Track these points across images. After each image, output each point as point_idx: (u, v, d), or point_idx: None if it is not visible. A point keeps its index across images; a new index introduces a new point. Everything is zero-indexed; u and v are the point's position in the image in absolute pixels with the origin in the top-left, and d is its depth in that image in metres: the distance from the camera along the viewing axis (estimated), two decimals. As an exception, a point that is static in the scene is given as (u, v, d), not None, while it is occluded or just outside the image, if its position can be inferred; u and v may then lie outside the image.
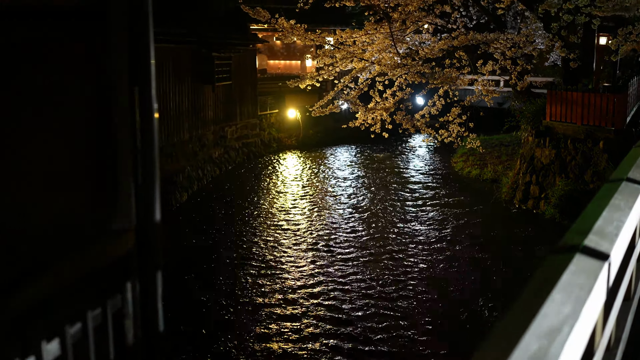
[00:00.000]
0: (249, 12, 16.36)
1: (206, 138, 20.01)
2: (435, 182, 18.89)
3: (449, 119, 16.51)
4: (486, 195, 16.95)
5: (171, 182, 16.33)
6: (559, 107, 15.03)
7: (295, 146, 25.02)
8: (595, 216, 2.90)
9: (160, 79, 16.72)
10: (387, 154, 23.45)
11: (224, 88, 21.11)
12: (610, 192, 3.30)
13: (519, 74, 16.74)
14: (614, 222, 2.90)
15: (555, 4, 13.23)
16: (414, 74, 15.64)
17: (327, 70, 16.87)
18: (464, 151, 21.22)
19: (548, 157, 15.03)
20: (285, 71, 29.35)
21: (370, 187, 18.18)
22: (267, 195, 17.49)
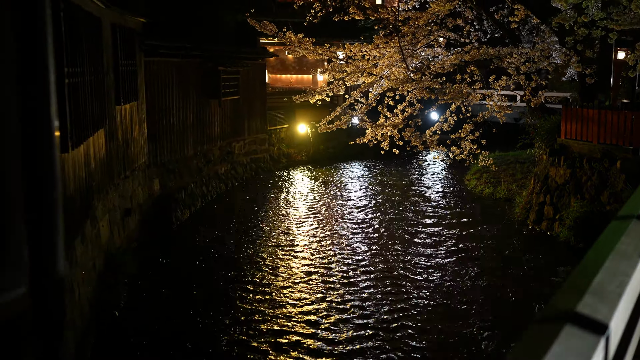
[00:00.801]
0: (255, 25, 16.01)
1: (212, 153, 19.60)
2: (447, 201, 18.29)
3: (461, 135, 15.95)
4: (499, 215, 16.33)
5: (173, 199, 15.90)
6: (575, 125, 14.42)
7: (305, 162, 24.55)
8: (595, 266, 2.35)
9: (164, 93, 16.34)
10: (399, 171, 22.90)
11: (232, 102, 20.73)
12: (616, 234, 2.75)
13: (533, 90, 16.16)
14: (617, 277, 2.33)
15: (569, 17, 12.68)
16: (422, 90, 15.12)
17: (337, 84, 16.49)
18: (477, 168, 20.60)
19: (563, 177, 14.40)
20: (296, 85, 28.97)
21: (381, 207, 17.60)
22: (273, 214, 16.99)
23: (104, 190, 11.09)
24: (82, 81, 8.74)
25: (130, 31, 13.37)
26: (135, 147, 13.83)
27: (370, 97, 16.75)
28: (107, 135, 11.45)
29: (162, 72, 16.28)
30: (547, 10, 15.30)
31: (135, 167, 13.93)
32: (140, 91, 14.48)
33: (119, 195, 12.50)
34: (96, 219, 10.26)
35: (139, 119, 14.32)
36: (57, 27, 7.30)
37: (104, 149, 11.14)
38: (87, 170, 9.33)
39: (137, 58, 13.95)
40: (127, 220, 12.96)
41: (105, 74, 11.24)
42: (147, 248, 13.55)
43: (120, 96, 12.26)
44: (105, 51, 11.33)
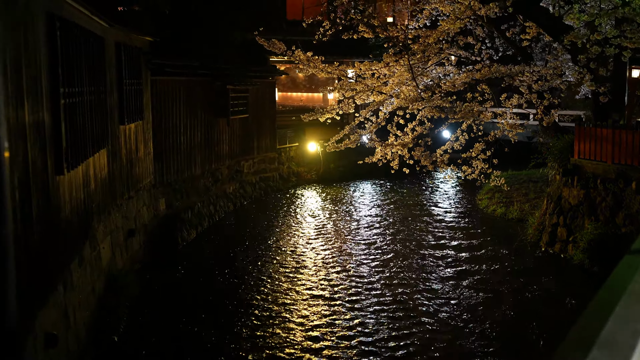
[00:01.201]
0: (264, 44, 15.89)
1: (220, 172, 19.41)
2: (458, 221, 17.94)
3: (472, 154, 15.64)
4: (511, 236, 15.95)
5: (179, 219, 15.69)
6: (588, 144, 14.08)
7: (315, 180, 24.32)
8: (605, 311, 2.08)
9: (171, 112, 16.21)
10: (410, 190, 22.59)
11: (241, 121, 20.58)
12: (630, 271, 2.47)
13: (545, 109, 15.85)
14: (630, 325, 2.06)
15: (581, 35, 12.41)
16: (432, 108, 14.86)
17: (347, 103, 16.32)
18: (489, 187, 20.25)
19: (576, 198, 14.04)
20: (307, 103, 28.82)
21: (390, 228, 17.29)
22: (281, 234, 16.72)
23: (105, 212, 10.90)
24: (81, 101, 8.58)
25: (136, 50, 13.26)
26: (140, 167, 13.66)
27: (380, 116, 16.52)
28: (110, 155, 11.29)
29: (170, 90, 16.16)
30: (559, 27, 15.03)
31: (140, 187, 13.76)
32: (146, 110, 14.34)
33: (122, 215, 12.31)
34: (96, 241, 10.06)
35: (145, 138, 14.17)
36: (53, 47, 7.15)
37: (106, 170, 10.96)
38: (86, 192, 9.14)
39: (143, 77, 13.83)
40: (131, 241, 12.75)
41: (108, 93, 11.09)
42: (151, 269, 13.34)
43: (124, 115, 12.11)
44: (108, 70, 11.20)
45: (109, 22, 10.80)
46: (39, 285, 6.48)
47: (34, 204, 6.26)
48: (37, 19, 6.65)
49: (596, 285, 7.14)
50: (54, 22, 7.14)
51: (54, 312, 6.99)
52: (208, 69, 18.18)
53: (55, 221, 7.26)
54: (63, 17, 7.63)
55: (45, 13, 7.01)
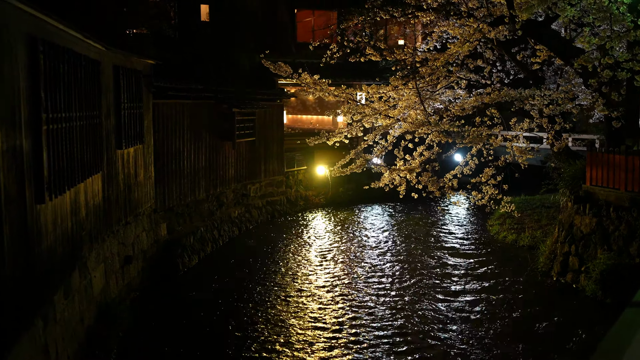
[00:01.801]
0: (270, 67, 15.66)
1: (225, 196, 19.12)
2: (468, 249, 17.45)
3: (482, 179, 15.23)
4: (521, 265, 15.47)
5: (180, 244, 15.37)
6: (600, 171, 13.62)
7: (323, 204, 23.96)
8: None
9: (174, 135, 15.98)
10: (419, 215, 22.15)
11: (247, 144, 20.33)
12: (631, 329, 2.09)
13: (557, 133, 15.43)
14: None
15: (592, 58, 12.01)
16: (439, 133, 14.49)
17: (356, 126, 16.04)
18: (501, 213, 19.75)
19: (588, 226, 13.54)
20: (317, 126, 28.56)
21: (398, 255, 16.84)
22: (285, 261, 16.32)
23: (99, 238, 10.61)
24: (70, 127, 8.32)
25: (137, 73, 13.06)
26: (139, 192, 13.40)
27: (388, 139, 16.19)
28: (105, 180, 11.02)
29: (173, 113, 15.95)
30: (570, 51, 14.66)
31: (140, 212, 13.48)
32: (147, 134, 14.11)
33: (119, 242, 12.01)
34: (87, 269, 9.75)
35: (145, 162, 13.92)
36: (34, 72, 6.90)
37: (100, 195, 10.69)
38: (74, 219, 8.85)
39: (144, 100, 13.62)
40: (128, 268, 12.44)
41: (104, 118, 10.86)
42: (148, 298, 13.01)
43: (122, 140, 11.87)
44: (105, 94, 10.98)
45: (105, 45, 10.60)
46: (10, 323, 6.15)
47: (6, 235, 5.96)
48: (15, 43, 6.40)
49: (610, 318, 6.66)
50: (36, 46, 6.90)
51: (29, 349, 6.65)
52: (213, 91, 17.99)
53: (34, 252, 6.96)
54: (48, 40, 7.40)
55: (27, 36, 6.77)
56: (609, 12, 11.72)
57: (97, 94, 10.39)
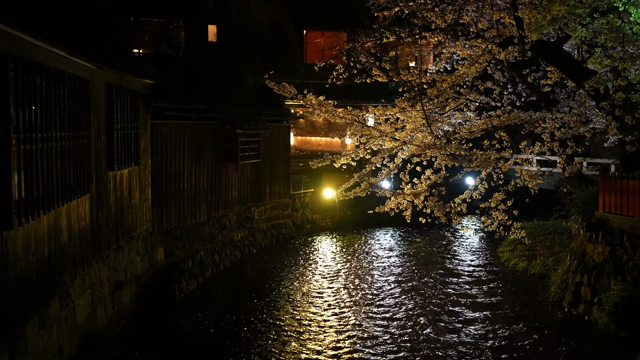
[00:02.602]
0: (274, 87, 15.28)
1: (228, 219, 18.68)
2: (477, 276, 16.82)
3: (492, 204, 14.66)
4: (532, 294, 14.82)
5: (178, 269, 14.91)
6: (614, 197, 13.02)
7: (330, 228, 23.43)
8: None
9: (174, 156, 15.61)
10: (428, 239, 21.55)
11: (252, 166, 19.92)
12: None
13: (568, 158, 14.86)
14: None
15: (603, 80, 11.47)
16: (445, 156, 13.98)
17: (363, 148, 15.61)
18: (512, 239, 19.11)
19: (601, 255, 12.91)
20: (325, 148, 28.15)
21: (405, 283, 16.22)
22: (288, 288, 15.75)
23: (85, 264, 10.18)
24: (48, 147, 7.94)
25: (133, 93, 12.72)
26: (133, 214, 12.99)
27: (396, 162, 15.70)
28: (94, 203, 10.62)
29: (173, 134, 15.60)
30: (582, 72, 14.14)
31: (134, 236, 13.06)
32: (144, 155, 13.74)
33: (109, 267, 11.58)
34: (69, 297, 9.30)
35: (141, 184, 13.53)
36: (3, 91, 6.52)
37: (88, 219, 10.28)
38: (53, 245, 8.43)
39: (140, 120, 13.27)
40: (119, 294, 11.99)
41: (93, 138, 10.50)
42: (140, 325, 12.53)
43: (114, 161, 11.49)
44: (95, 114, 10.63)
45: (95, 64, 10.26)
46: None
47: (-39, 265, 5.54)
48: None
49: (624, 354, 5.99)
50: (5, 63, 6.53)
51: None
52: (216, 112, 17.64)
53: None
54: (23, 57, 7.04)
55: (-5, 53, 6.42)
56: (621, 32, 11.23)
57: (85, 114, 10.03)
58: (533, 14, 12.06)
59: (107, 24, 13.43)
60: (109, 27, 13.61)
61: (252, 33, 23.26)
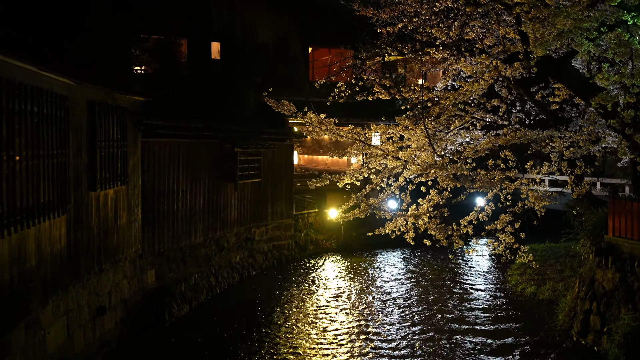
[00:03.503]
0: (272, 105, 14.87)
1: (226, 240, 18.15)
2: (482, 302, 16.10)
3: (498, 227, 14.02)
4: (539, 322, 14.10)
5: (169, 292, 14.37)
6: (624, 221, 12.32)
7: (334, 249, 22.80)
8: None
9: (167, 175, 15.15)
10: (434, 262, 20.84)
11: (253, 185, 19.41)
12: None
13: (577, 178, 14.21)
14: None
15: (611, 97, 10.86)
16: (445, 177, 13.38)
17: (364, 167, 15.13)
18: (522, 262, 18.35)
19: (611, 282, 12.19)
20: (332, 167, 27.62)
21: (409, 309, 15.54)
22: (287, 313, 15.15)
23: (60, 289, 9.68)
24: (11, 167, 7.48)
25: (120, 110, 12.29)
26: (120, 236, 12.50)
27: (399, 181, 15.16)
28: (72, 224, 10.14)
29: (166, 152, 15.15)
30: (590, 89, 13.52)
31: (120, 258, 12.55)
32: (134, 174, 13.28)
33: (90, 291, 11.06)
34: (38, 325, 8.79)
35: (130, 204, 13.06)
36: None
37: (64, 241, 9.80)
38: (18, 270, 7.94)
39: (129, 138, 12.83)
40: (101, 319, 11.46)
41: (72, 157, 10.05)
42: (125, 351, 12.01)
43: (96, 180, 11.02)
44: (75, 131, 10.20)
45: (75, 80, 9.84)
46: None
47: None
48: None
49: None
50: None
51: None
52: (213, 130, 17.18)
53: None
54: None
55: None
56: (629, 47, 10.65)
57: (62, 131, 9.59)
58: (537, 27, 11.49)
59: (100, 42, 13.04)
60: (103, 45, 13.22)
61: (257, 50, 22.93)
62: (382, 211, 14.45)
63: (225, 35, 22.22)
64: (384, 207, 14.88)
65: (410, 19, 16.05)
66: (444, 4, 14.67)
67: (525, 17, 11.87)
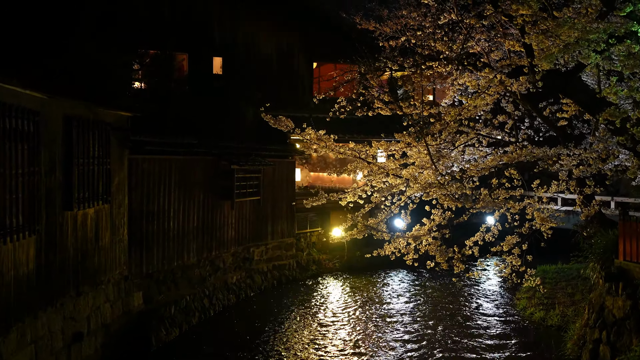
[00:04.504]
0: (270, 120, 14.28)
1: (222, 260, 17.53)
2: (487, 327, 15.30)
3: (504, 248, 13.28)
4: (546, 350, 13.30)
5: (157, 316, 13.76)
6: (635, 245, 11.55)
7: (337, 269, 22.09)
8: None
9: (157, 193, 14.61)
10: (440, 283, 20.06)
11: (252, 204, 18.84)
12: None
13: (586, 198, 13.44)
14: None
15: (619, 113, 10.14)
16: (445, 197, 12.67)
17: (369, 185, 14.53)
18: (531, 285, 17.52)
19: (622, 310, 11.40)
20: (337, 184, 26.96)
21: (413, 333, 14.84)
22: (284, 338, 14.47)
23: (26, 315, 9.10)
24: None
25: (104, 125, 11.77)
26: (101, 257, 11.92)
27: (402, 199, 14.50)
28: (42, 245, 9.60)
29: (157, 170, 14.62)
30: (600, 104, 12.80)
31: (102, 280, 11.97)
32: (119, 192, 12.75)
33: (65, 316, 10.47)
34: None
35: (114, 223, 12.50)
36: None
37: (32, 264, 9.25)
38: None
39: (113, 155, 12.30)
40: (78, 346, 10.85)
41: (43, 174, 9.52)
42: (104, 379, 11.39)
43: (73, 199, 10.48)
44: (47, 147, 9.68)
45: (48, 94, 9.34)
46: None
47: None
48: None
49: None
50: None
51: None
52: (209, 146, 16.64)
53: None
54: None
55: None
56: (639, 59, 9.98)
57: (32, 148, 9.07)
58: (540, 38, 10.83)
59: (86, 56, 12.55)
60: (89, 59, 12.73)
61: (260, 65, 22.51)
62: (379, 232, 13.77)
63: (227, 50, 21.82)
64: (381, 228, 14.20)
65: (413, 32, 15.50)
66: (448, 17, 14.16)
67: (529, 29, 11.22)
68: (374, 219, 14.42)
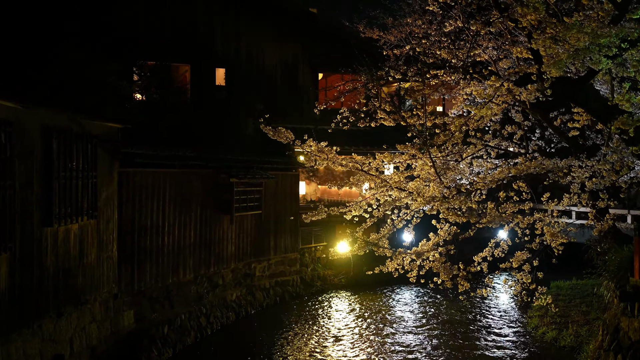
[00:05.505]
0: (269, 132, 13.73)
1: (221, 277, 16.94)
2: (496, 348, 14.57)
3: (513, 265, 12.60)
4: (558, 373, 12.57)
5: (148, 335, 13.18)
6: (652, 261, 10.81)
7: (343, 286, 21.42)
8: None
9: (150, 208, 14.06)
10: (448, 301, 19.32)
11: (253, 218, 18.27)
12: None
13: (599, 212, 12.72)
14: None
15: (631, 121, 9.46)
16: (448, 212, 12.02)
17: (374, 198, 13.94)
18: (541, 304, 16.74)
19: (638, 332, 10.63)
20: (344, 198, 26.34)
21: (419, 352, 14.17)
22: (285, 357, 13.87)
23: (-2, 338, 8.57)
24: None
25: (89, 137, 11.26)
26: (87, 275, 11.38)
27: (407, 213, 13.89)
28: (17, 263, 9.06)
29: (150, 183, 14.09)
30: (613, 112, 12.09)
31: (87, 300, 11.42)
32: (107, 207, 12.22)
33: (43, 339, 9.91)
34: (-40, 383, 7.67)
35: (101, 240, 11.97)
36: None
37: (4, 283, 8.72)
38: None
39: (100, 168, 11.78)
40: (58, 369, 10.30)
41: (18, 188, 9.01)
42: (87, 404, 10.81)
43: (53, 214, 9.95)
44: (23, 161, 9.17)
45: (21, 104, 8.84)
46: None
47: None
48: None
49: None
50: None
51: None
52: (206, 159, 16.11)
53: None
54: None
55: None
56: (654, 64, 9.37)
57: (4, 161, 8.56)
58: (548, 43, 10.21)
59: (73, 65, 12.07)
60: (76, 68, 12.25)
61: (263, 76, 22.12)
62: (380, 248, 13.12)
63: (230, 60, 21.43)
64: (383, 243, 13.55)
65: (418, 40, 14.95)
66: (454, 24, 13.61)
67: (537, 34, 10.59)
68: (376, 235, 13.80)
